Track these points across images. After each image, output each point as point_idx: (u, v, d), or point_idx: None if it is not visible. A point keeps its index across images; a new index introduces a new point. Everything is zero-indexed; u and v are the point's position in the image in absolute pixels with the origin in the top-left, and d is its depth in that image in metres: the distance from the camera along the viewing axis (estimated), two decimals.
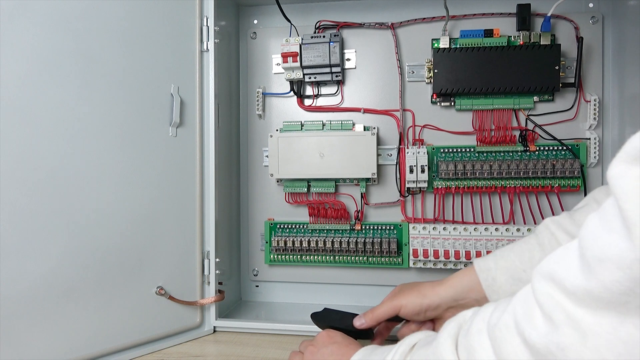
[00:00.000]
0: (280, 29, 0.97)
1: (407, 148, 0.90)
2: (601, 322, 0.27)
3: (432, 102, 0.93)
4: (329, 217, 0.95)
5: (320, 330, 0.74)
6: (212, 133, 0.84)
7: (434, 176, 0.91)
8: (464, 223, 0.90)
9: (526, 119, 0.89)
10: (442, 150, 0.91)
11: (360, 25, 0.95)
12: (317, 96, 0.97)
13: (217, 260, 0.84)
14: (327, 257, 0.94)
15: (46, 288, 0.65)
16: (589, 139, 0.88)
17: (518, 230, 0.85)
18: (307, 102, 0.98)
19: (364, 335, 0.73)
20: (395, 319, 0.67)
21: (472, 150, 0.90)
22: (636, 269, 0.25)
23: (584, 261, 0.29)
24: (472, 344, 0.37)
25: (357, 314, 0.71)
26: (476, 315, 0.40)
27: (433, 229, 0.88)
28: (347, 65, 0.96)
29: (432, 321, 0.65)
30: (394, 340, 0.57)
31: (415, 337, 0.48)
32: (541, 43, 0.86)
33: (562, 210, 0.88)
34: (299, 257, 0.95)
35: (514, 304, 0.35)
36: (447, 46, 0.89)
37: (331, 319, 0.72)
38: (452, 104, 0.91)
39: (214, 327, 0.85)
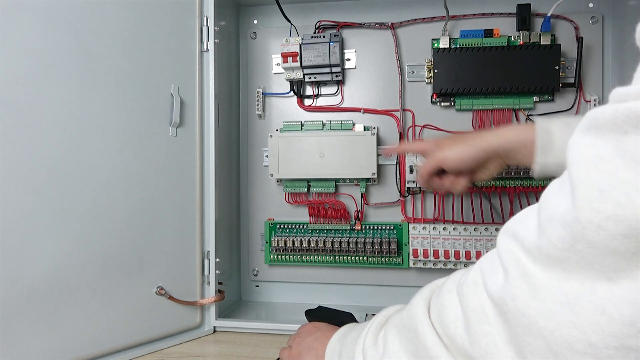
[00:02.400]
0: (280, 29, 0.97)
1: None
2: (550, 277, 0.29)
3: (432, 102, 0.93)
4: (329, 217, 0.95)
5: None
6: (212, 133, 0.84)
7: None
8: (464, 223, 0.90)
9: (526, 119, 0.90)
10: None
11: (360, 25, 0.95)
12: (317, 96, 0.97)
13: (217, 260, 0.84)
14: (327, 257, 0.94)
15: (46, 288, 0.65)
16: None
17: None
18: (307, 102, 0.98)
19: None
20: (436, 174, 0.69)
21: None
22: (575, 227, 0.27)
23: (539, 220, 0.31)
24: (442, 301, 0.38)
25: (350, 313, 0.72)
26: (447, 279, 0.42)
27: (433, 229, 0.88)
28: (347, 65, 0.96)
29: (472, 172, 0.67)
30: None
31: (391, 309, 0.49)
32: (541, 43, 0.86)
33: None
34: (299, 257, 0.95)
35: (480, 261, 0.38)
36: (447, 46, 0.89)
37: (325, 317, 0.73)
38: (452, 104, 0.91)
39: (214, 327, 0.85)
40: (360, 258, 0.93)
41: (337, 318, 0.72)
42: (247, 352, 0.76)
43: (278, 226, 0.97)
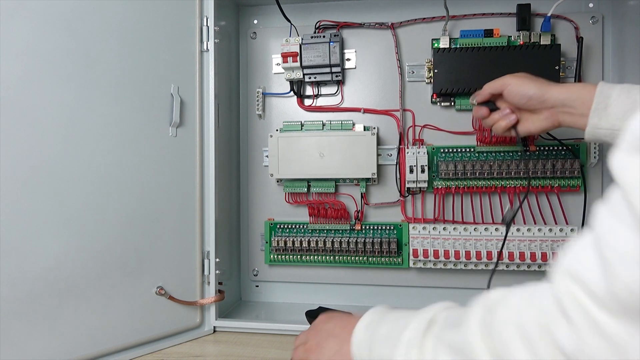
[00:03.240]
0: (280, 29, 0.97)
1: (407, 148, 0.90)
2: (631, 331, 0.24)
3: (432, 102, 0.93)
4: (329, 217, 0.95)
5: None
6: (212, 133, 0.84)
7: (434, 176, 0.91)
8: (464, 223, 0.90)
9: None
10: (442, 150, 0.91)
11: (360, 25, 0.95)
12: (317, 96, 0.97)
13: (217, 260, 0.84)
14: (327, 257, 0.94)
15: (46, 288, 0.65)
16: None
17: (518, 230, 0.85)
18: (307, 102, 0.98)
19: None
20: (490, 105, 0.72)
21: (472, 150, 0.90)
22: None
23: (604, 260, 0.27)
24: (503, 338, 0.34)
25: (350, 313, 0.72)
26: (502, 301, 0.37)
27: (433, 229, 0.88)
28: (347, 65, 0.96)
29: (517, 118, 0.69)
30: None
31: (431, 312, 0.43)
32: (541, 43, 0.86)
33: (563, 210, 0.88)
34: (299, 257, 0.95)
35: (539, 298, 0.33)
36: (447, 46, 0.89)
37: None
38: (452, 104, 0.91)
39: (214, 327, 0.85)
40: (360, 258, 0.93)
41: None
42: (247, 352, 0.76)
43: (278, 226, 0.97)
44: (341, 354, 0.50)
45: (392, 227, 0.93)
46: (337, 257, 0.94)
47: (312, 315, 0.75)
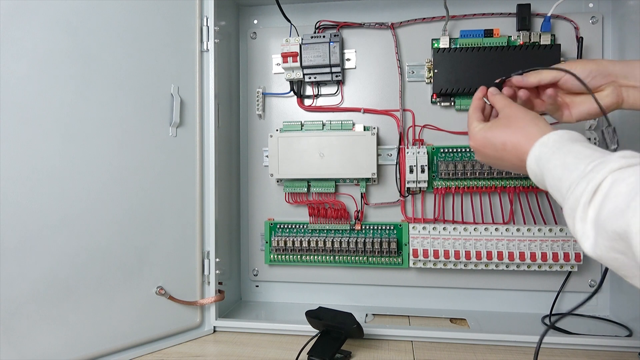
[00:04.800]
0: (280, 29, 0.97)
1: (407, 148, 0.90)
2: None
3: (432, 102, 0.93)
4: (329, 217, 0.95)
5: (314, 328, 0.75)
6: (212, 133, 0.84)
7: (434, 176, 0.91)
8: (464, 223, 0.90)
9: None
10: (442, 150, 0.91)
11: (360, 25, 0.95)
12: (317, 96, 0.97)
13: (217, 260, 0.84)
14: (327, 257, 0.94)
15: (46, 288, 0.65)
16: (589, 139, 0.88)
17: (518, 230, 0.85)
18: (307, 102, 0.98)
19: (356, 335, 0.74)
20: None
21: (472, 150, 0.90)
22: None
23: None
24: None
25: (350, 313, 0.72)
26: None
27: (433, 229, 0.88)
28: (347, 65, 0.96)
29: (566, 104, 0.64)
30: None
31: (602, 174, 0.41)
32: (541, 43, 0.86)
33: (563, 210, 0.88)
34: (299, 257, 0.95)
35: None
36: (447, 46, 0.89)
37: (326, 317, 0.74)
38: (452, 104, 0.91)
39: (214, 327, 0.85)
40: (360, 258, 0.93)
41: (337, 317, 0.73)
42: (247, 352, 0.76)
43: (278, 226, 0.97)
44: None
45: (392, 227, 0.94)
46: (337, 257, 0.94)
47: (312, 315, 0.75)
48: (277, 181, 0.98)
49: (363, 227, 0.95)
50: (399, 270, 0.95)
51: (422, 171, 0.88)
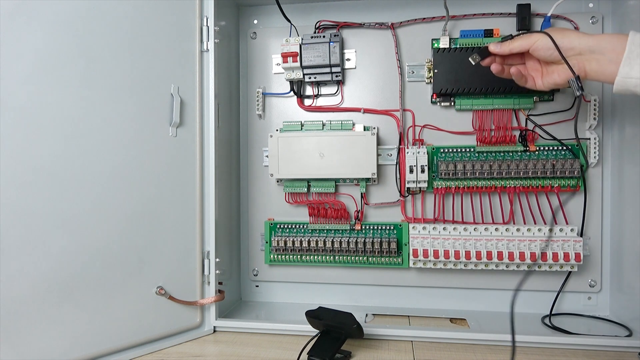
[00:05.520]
0: (280, 29, 0.97)
1: (407, 148, 0.90)
2: None
3: (432, 102, 0.93)
4: (329, 217, 0.95)
5: (314, 328, 0.76)
6: (212, 133, 0.84)
7: (434, 176, 0.91)
8: (464, 223, 0.90)
9: (526, 119, 0.89)
10: (442, 150, 0.91)
11: (360, 25, 0.95)
12: (317, 96, 0.97)
13: (217, 260, 0.84)
14: (327, 257, 0.94)
15: (46, 288, 0.65)
16: (589, 139, 0.88)
17: (518, 230, 0.85)
18: (307, 102, 0.98)
19: (355, 335, 0.74)
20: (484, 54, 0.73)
21: (472, 150, 0.90)
22: None
23: None
24: None
25: (350, 313, 0.72)
26: None
27: (433, 229, 0.88)
28: (347, 65, 0.96)
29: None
30: None
31: None
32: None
33: (563, 210, 0.88)
34: (299, 257, 0.95)
35: None
36: (447, 46, 0.89)
37: (326, 317, 0.74)
38: (452, 104, 0.91)
39: (214, 327, 0.85)
40: (360, 258, 0.93)
41: (337, 318, 0.73)
42: (247, 352, 0.76)
43: (278, 226, 0.97)
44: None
45: (392, 227, 0.94)
46: (337, 257, 0.94)
47: (312, 315, 0.75)
48: (277, 181, 0.98)
49: (363, 227, 0.95)
50: (399, 270, 0.95)
51: (422, 171, 0.88)
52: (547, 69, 0.71)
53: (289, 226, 0.97)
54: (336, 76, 0.93)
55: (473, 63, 0.73)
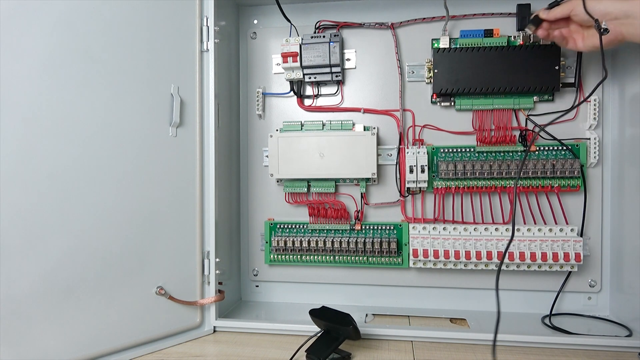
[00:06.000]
0: (280, 29, 0.97)
1: (407, 148, 0.90)
2: None
3: (432, 102, 0.93)
4: (329, 217, 0.95)
5: (317, 327, 0.76)
6: (212, 133, 0.84)
7: (434, 176, 0.91)
8: (464, 223, 0.90)
9: (526, 119, 0.89)
10: (442, 150, 0.91)
11: (360, 25, 0.95)
12: (317, 96, 0.97)
13: (217, 260, 0.84)
14: (327, 257, 0.94)
15: (46, 288, 0.65)
16: (589, 139, 0.88)
17: (518, 230, 0.85)
18: (307, 102, 0.98)
19: (352, 336, 0.74)
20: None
21: (472, 150, 0.90)
22: None
23: None
24: None
25: (347, 314, 0.73)
26: None
27: (433, 229, 0.88)
28: (347, 65, 0.96)
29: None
30: None
31: None
32: (541, 43, 0.86)
33: (563, 210, 0.88)
34: (299, 257, 0.95)
35: None
36: (447, 46, 0.89)
37: (329, 317, 0.74)
38: (452, 104, 0.91)
39: (214, 327, 0.85)
40: (360, 258, 0.93)
41: (335, 318, 0.74)
42: (247, 352, 0.76)
43: (278, 226, 0.97)
44: None
45: (392, 227, 0.94)
46: (337, 257, 0.94)
47: (315, 314, 0.75)
48: (277, 181, 0.98)
49: (363, 227, 0.95)
50: (399, 270, 0.95)
51: (422, 171, 0.88)
52: (587, 32, 0.75)
53: (289, 226, 0.97)
54: (336, 76, 0.93)
55: (530, 32, 0.80)
